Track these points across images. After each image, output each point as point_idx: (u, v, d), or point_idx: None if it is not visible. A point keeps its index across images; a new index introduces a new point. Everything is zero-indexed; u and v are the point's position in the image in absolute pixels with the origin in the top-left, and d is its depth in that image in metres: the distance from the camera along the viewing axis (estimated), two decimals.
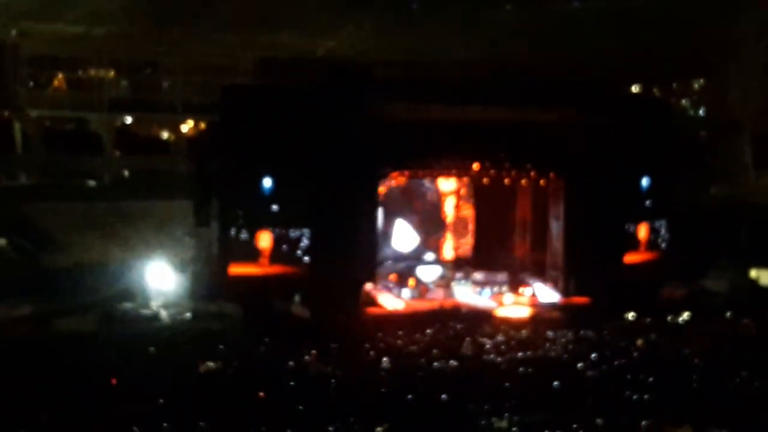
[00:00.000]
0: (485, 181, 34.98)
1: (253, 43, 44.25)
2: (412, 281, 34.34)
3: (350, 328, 28.41)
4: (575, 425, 18.82)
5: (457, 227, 37.31)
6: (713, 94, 48.79)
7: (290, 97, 31.84)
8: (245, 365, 23.63)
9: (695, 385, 22.36)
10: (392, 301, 32.85)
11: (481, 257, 36.98)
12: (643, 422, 19.00)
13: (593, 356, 24.89)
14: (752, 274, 36.26)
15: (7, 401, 19.33)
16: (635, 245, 34.63)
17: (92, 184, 43.66)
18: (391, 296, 33.23)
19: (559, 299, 33.77)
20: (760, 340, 27.61)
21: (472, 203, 37.30)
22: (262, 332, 26.86)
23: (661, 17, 42.18)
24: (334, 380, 22.43)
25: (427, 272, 35.52)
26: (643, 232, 34.76)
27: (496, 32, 42.63)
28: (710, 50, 45.09)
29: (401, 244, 36.54)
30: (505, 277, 35.10)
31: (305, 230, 31.35)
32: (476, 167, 33.79)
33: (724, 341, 27.12)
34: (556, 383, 22.06)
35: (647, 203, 34.74)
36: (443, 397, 20.83)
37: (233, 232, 30.94)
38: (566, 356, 25.54)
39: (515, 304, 33.12)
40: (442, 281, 34.97)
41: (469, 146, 32.53)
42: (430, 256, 36.71)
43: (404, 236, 36.56)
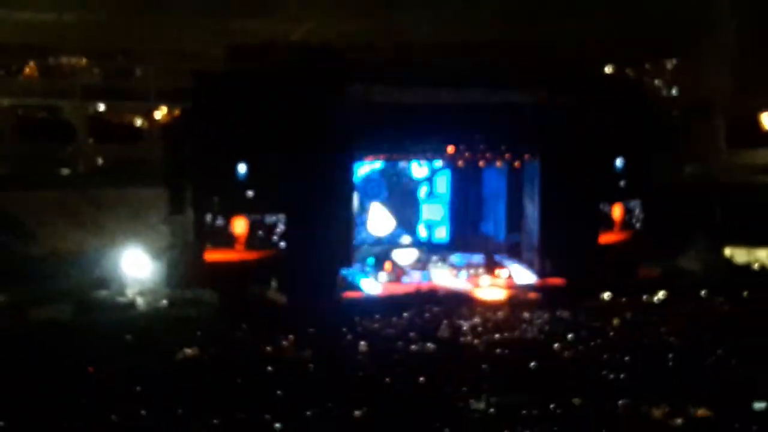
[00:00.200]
0: (460, 163, 35.03)
1: (225, 29, 44.06)
2: (388, 265, 34.32)
3: (327, 312, 28.41)
4: (552, 405, 18.92)
5: (432, 210, 37.39)
6: (687, 74, 48.92)
7: (264, 82, 31.70)
8: (222, 351, 23.62)
9: (671, 363, 22.50)
10: (369, 284, 32.86)
11: (457, 240, 37.05)
12: (620, 402, 19.12)
13: (569, 337, 25.01)
14: (726, 252, 36.46)
15: None
16: (610, 225, 34.77)
17: (66, 172, 43.41)
18: (367, 280, 33.25)
19: (535, 280, 33.86)
20: (734, 318, 27.79)
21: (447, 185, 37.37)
22: (238, 318, 26.86)
23: None
24: (311, 365, 22.45)
25: (403, 256, 35.52)
26: (617, 212, 34.88)
27: (469, 14, 42.61)
28: (683, 30, 45.19)
29: (377, 228, 36.54)
30: (481, 259, 35.17)
31: (281, 215, 31.31)
32: (451, 150, 33.80)
33: (699, 320, 27.32)
34: (532, 364, 22.16)
35: (621, 183, 34.87)
36: (421, 379, 20.90)
37: (208, 218, 30.88)
38: (543, 337, 25.66)
39: (491, 286, 33.15)
40: (418, 264, 34.99)
41: (443, 129, 32.54)
42: (406, 239, 36.75)
43: (380, 220, 36.56)
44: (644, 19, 43.12)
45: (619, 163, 34.61)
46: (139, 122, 48.68)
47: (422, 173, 37.15)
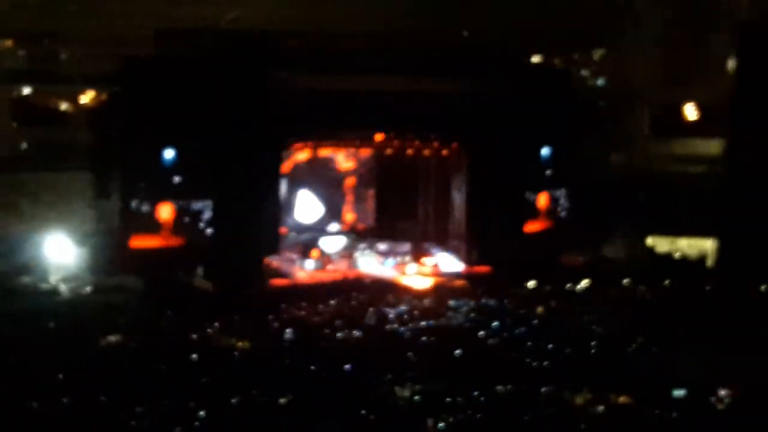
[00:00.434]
0: (389, 151, 35.10)
1: (153, 13, 43.60)
2: (315, 252, 34.30)
3: (253, 299, 28.35)
4: (476, 393, 19.08)
5: (360, 198, 37.38)
6: (613, 64, 49.34)
7: (191, 67, 31.50)
8: (147, 338, 23.47)
9: (594, 351, 22.79)
10: (295, 272, 32.82)
11: (383, 227, 37.12)
12: (542, 389, 19.34)
13: (494, 324, 25.22)
14: (649, 241, 36.92)
15: None
16: (535, 214, 35.06)
17: None
18: (294, 267, 33.21)
19: (461, 268, 34.04)
20: (656, 306, 28.22)
21: (374, 174, 37.35)
22: (164, 305, 26.71)
23: None
24: (237, 352, 22.42)
25: (330, 243, 35.52)
26: (543, 200, 35.18)
27: (396, 2, 42.59)
28: (610, 20, 45.57)
29: (305, 215, 36.48)
30: (408, 247, 35.30)
31: (207, 202, 31.14)
32: (379, 137, 33.85)
33: (621, 308, 27.69)
34: (457, 351, 22.32)
35: (547, 172, 35.17)
36: (346, 367, 20.96)
37: (134, 204, 30.59)
38: (468, 325, 25.84)
39: (418, 273, 33.29)
40: (345, 252, 35.01)
41: (371, 117, 32.53)
42: (333, 226, 36.74)
43: (308, 207, 36.50)
44: (571, 8, 43.42)
45: (545, 152, 34.90)
46: (64, 106, 48.04)
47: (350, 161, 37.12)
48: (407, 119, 33.11)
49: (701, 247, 36.04)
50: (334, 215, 36.93)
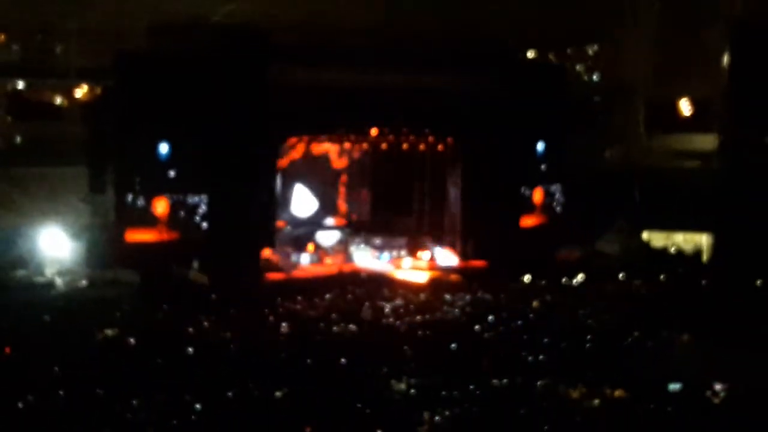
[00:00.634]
0: (384, 146, 35.09)
1: (147, 7, 43.53)
2: (311, 246, 34.30)
3: (249, 293, 28.33)
4: (472, 386, 19.09)
5: (355, 192, 37.37)
6: (607, 59, 49.41)
7: (186, 62, 31.43)
8: (143, 332, 23.45)
9: (589, 345, 22.81)
10: (291, 266, 32.82)
11: (379, 222, 37.13)
12: (538, 383, 19.36)
13: (490, 318, 25.23)
14: (644, 236, 36.99)
15: None
16: (531, 209, 35.12)
17: None
18: (289, 261, 33.21)
19: (457, 263, 34.07)
20: (651, 301, 28.25)
21: (370, 169, 37.32)
22: (159, 299, 26.69)
23: None
24: (233, 345, 22.42)
25: (326, 237, 35.52)
26: (538, 195, 35.27)
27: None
28: (605, 16, 45.62)
29: (300, 209, 36.46)
30: (403, 241, 35.31)
31: (203, 196, 31.11)
32: (375, 132, 33.85)
33: (617, 302, 27.71)
34: (453, 345, 22.33)
35: (542, 167, 35.24)
36: (342, 361, 20.96)
37: (129, 198, 30.54)
38: (464, 319, 25.85)
39: (414, 268, 33.31)
40: (340, 246, 35.01)
41: (367, 112, 32.56)
42: (329, 221, 36.72)
43: (303, 201, 36.48)
44: (567, 4, 43.47)
45: (540, 147, 34.96)
46: (59, 100, 48.00)
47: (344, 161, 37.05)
48: (403, 114, 33.12)
49: (696, 241, 36.14)
50: (329, 210, 36.91)
